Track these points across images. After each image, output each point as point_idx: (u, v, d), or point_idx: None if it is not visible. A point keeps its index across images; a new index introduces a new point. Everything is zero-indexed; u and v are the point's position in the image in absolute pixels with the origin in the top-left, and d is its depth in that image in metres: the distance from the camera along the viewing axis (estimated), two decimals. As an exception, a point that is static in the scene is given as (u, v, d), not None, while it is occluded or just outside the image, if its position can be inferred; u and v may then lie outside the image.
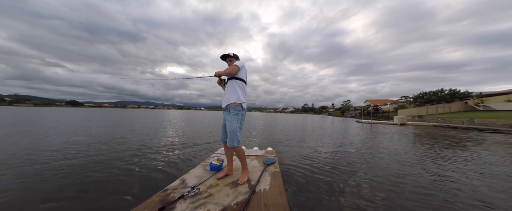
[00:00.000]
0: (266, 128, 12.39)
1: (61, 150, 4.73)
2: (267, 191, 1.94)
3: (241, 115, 2.18)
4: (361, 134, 10.08)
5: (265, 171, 2.49)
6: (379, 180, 3.17)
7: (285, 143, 6.70)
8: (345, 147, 6.14)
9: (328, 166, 3.86)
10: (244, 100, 2.19)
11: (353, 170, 3.67)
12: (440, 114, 26.95)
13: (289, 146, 6.10)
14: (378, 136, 9.51)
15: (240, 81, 2.22)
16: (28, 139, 5.99)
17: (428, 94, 35.21)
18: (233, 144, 2.11)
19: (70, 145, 5.26)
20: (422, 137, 9.45)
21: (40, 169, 3.33)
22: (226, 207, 1.63)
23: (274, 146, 4.89)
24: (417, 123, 20.53)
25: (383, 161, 4.43)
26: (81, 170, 3.32)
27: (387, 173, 3.52)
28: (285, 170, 3.50)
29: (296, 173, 3.42)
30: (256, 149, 3.91)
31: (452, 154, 5.35)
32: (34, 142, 5.55)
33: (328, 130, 11.87)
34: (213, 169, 2.51)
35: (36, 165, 3.51)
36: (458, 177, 3.37)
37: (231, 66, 2.20)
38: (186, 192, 1.81)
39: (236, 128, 2.11)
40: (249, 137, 8.24)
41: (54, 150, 4.71)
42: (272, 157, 3.15)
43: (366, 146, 6.33)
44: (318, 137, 8.59)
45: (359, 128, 14.66)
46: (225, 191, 1.93)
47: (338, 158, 4.57)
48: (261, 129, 11.61)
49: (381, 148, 6.00)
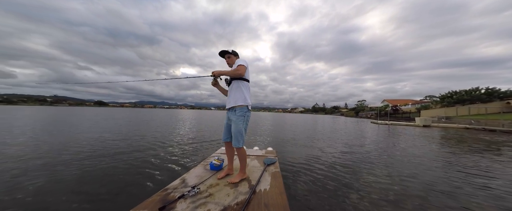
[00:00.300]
0: (273, 128, 12.13)
1: (87, 145, 5.27)
2: (267, 191, 1.94)
3: (247, 116, 2.17)
4: (375, 136, 9.64)
5: (265, 171, 2.49)
6: (387, 183, 3.07)
7: (291, 142, 6.66)
8: (355, 148, 6.01)
9: (333, 167, 3.82)
10: (250, 102, 2.17)
11: (360, 171, 3.60)
12: (474, 115, 23.89)
13: (295, 146, 6.06)
14: (395, 137, 9.06)
15: (245, 82, 2.18)
16: (65, 137, 6.52)
17: (459, 94, 31.65)
18: (239, 145, 2.10)
19: (94, 142, 5.74)
20: (448, 139, 8.64)
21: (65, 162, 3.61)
22: (226, 207, 1.62)
23: (279, 146, 4.88)
24: (444, 124, 18.54)
25: (397, 163, 4.29)
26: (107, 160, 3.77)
27: (398, 175, 3.41)
28: (288, 170, 3.49)
29: (299, 173, 3.41)
30: (257, 149, 3.90)
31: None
32: (63, 140, 5.90)
33: (339, 131, 11.38)
34: (213, 169, 2.51)
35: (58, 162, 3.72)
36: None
37: (239, 66, 2.06)
38: (186, 191, 1.81)
39: (242, 129, 2.11)
40: (254, 135, 8.26)
41: (79, 145, 5.22)
42: (272, 157, 3.14)
43: (379, 148, 6.08)
44: (325, 137, 8.39)
45: (374, 129, 13.95)
46: (226, 191, 1.93)
47: (345, 159, 4.51)
48: (267, 129, 11.47)
49: (395, 150, 5.74)
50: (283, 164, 3.82)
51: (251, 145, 4.52)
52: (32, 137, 6.25)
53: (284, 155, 4.69)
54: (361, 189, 2.82)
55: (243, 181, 2.17)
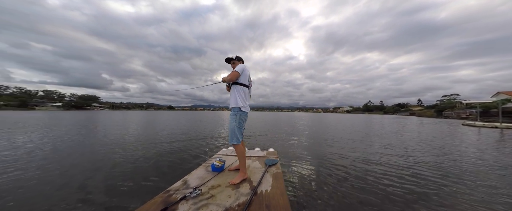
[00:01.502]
0: (310, 133, 9.62)
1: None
2: (268, 193, 1.95)
3: (239, 115, 2.32)
4: (473, 143, 6.80)
5: (266, 172, 2.49)
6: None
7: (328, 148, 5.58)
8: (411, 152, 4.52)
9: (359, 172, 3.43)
10: (242, 104, 2.32)
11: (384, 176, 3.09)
12: None
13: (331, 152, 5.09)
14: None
15: (239, 86, 2.36)
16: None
17: None
18: (232, 142, 2.26)
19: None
20: None
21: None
22: (228, 208, 1.63)
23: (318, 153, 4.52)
24: None
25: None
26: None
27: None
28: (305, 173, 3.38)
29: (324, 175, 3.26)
30: (258, 150, 3.91)
31: None
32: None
33: (401, 135, 8.80)
34: (214, 170, 2.52)
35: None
36: None
37: (232, 73, 2.31)
38: (188, 193, 1.83)
39: (234, 127, 2.27)
40: (289, 137, 8.08)
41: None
42: (274, 158, 3.15)
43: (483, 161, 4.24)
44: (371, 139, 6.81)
45: (468, 133, 9.94)
46: (227, 192, 1.94)
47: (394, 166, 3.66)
48: (302, 131, 10.02)
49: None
50: (297, 166, 3.80)
51: (266, 146, 4.26)
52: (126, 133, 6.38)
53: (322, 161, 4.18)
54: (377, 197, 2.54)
55: (244, 182, 2.18)
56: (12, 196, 2.45)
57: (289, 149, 5.60)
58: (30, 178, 3.03)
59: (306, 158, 4.50)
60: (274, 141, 6.96)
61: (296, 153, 5.01)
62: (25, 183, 2.84)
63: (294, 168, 3.71)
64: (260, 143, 6.38)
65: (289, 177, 3.25)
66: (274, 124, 16.10)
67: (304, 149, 5.57)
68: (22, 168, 3.49)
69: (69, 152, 4.74)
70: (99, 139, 6.71)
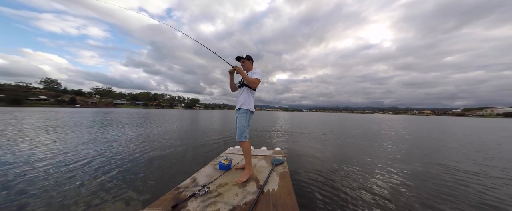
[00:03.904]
0: None
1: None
2: (275, 191, 1.97)
3: (248, 115, 2.49)
4: None
5: (273, 171, 2.52)
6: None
7: None
8: None
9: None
10: (253, 108, 2.53)
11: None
12: None
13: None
14: None
15: (252, 90, 2.54)
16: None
17: None
18: (241, 139, 2.37)
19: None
20: None
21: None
22: (235, 206, 1.67)
23: None
24: None
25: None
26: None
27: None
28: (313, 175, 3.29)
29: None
30: (264, 149, 3.92)
31: None
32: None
33: None
34: (222, 168, 2.57)
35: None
36: None
37: (256, 79, 2.43)
38: (197, 190, 1.88)
39: (244, 125, 2.42)
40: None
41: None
42: (280, 157, 3.16)
43: None
44: None
45: None
46: (234, 190, 1.98)
47: None
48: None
49: None
50: (303, 167, 3.75)
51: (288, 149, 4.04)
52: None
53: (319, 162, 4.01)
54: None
55: (251, 181, 2.21)
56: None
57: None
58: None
59: (315, 158, 4.48)
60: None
61: (307, 152, 4.96)
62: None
63: (302, 168, 3.70)
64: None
65: (296, 176, 3.23)
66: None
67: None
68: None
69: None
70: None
